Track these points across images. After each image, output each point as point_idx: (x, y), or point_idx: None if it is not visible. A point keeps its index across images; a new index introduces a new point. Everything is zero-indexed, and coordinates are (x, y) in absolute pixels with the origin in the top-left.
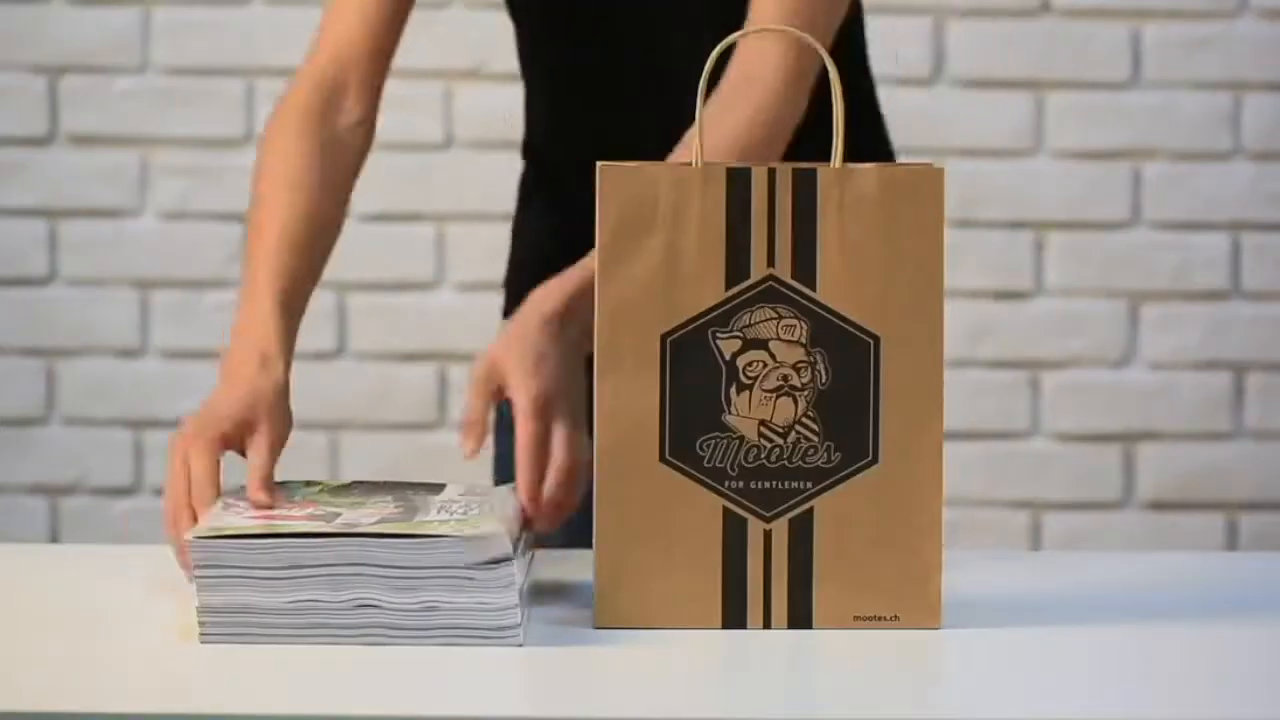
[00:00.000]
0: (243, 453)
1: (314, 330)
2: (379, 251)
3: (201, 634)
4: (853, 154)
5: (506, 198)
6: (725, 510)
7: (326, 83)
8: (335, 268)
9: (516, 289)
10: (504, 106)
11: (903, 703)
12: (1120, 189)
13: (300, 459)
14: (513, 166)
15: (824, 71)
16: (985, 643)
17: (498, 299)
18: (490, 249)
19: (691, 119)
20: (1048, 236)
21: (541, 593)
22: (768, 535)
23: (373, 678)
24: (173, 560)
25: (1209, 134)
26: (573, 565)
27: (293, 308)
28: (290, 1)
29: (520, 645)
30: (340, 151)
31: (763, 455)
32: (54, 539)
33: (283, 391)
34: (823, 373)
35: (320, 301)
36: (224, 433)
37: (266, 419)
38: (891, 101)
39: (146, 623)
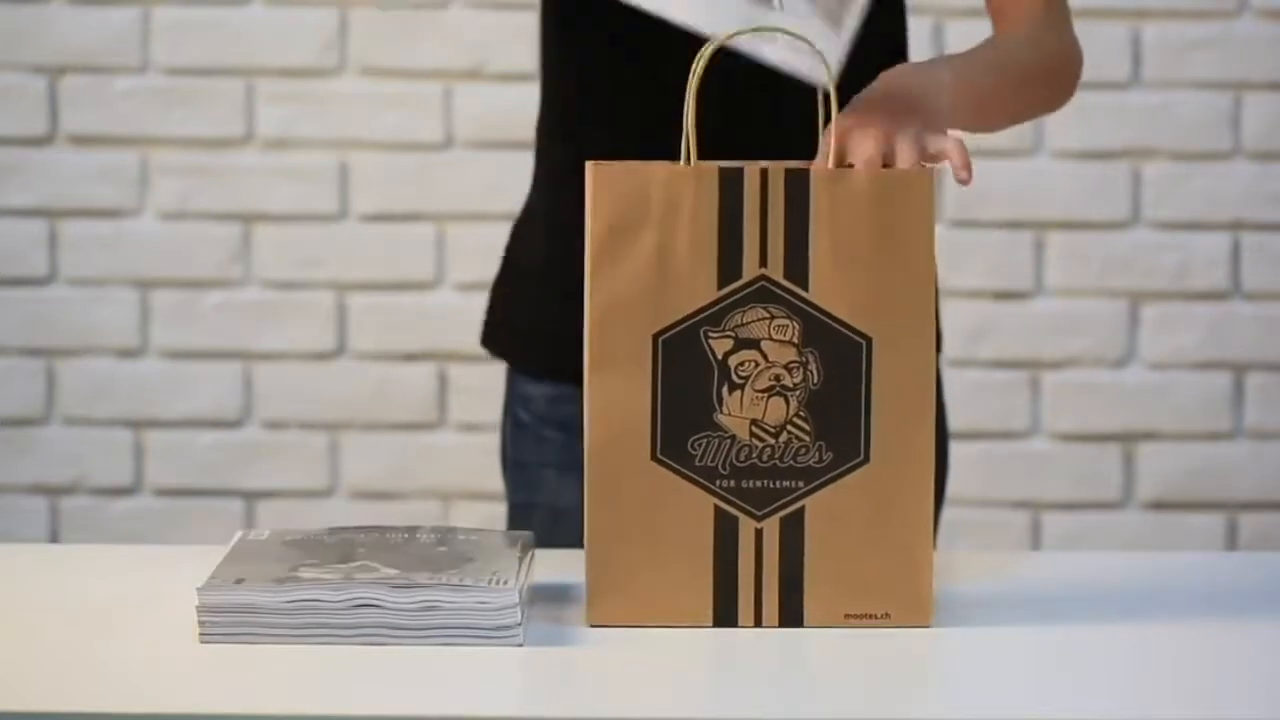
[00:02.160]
0: None
1: (314, 330)
2: (379, 251)
3: (201, 634)
4: None
5: (507, 198)
6: (717, 509)
7: None
8: (335, 268)
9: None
10: (504, 106)
11: (893, 701)
12: (1120, 189)
13: (300, 459)
14: (512, 166)
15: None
16: (977, 641)
17: None
18: (490, 249)
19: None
20: (1048, 236)
21: (539, 592)
22: (759, 534)
23: (373, 678)
24: (174, 559)
25: (1209, 134)
26: (570, 565)
27: None
28: (290, 1)
29: (520, 645)
30: None
31: (754, 454)
32: (54, 539)
33: None
34: (814, 373)
35: (320, 301)
36: None
37: None
38: None
39: (146, 623)
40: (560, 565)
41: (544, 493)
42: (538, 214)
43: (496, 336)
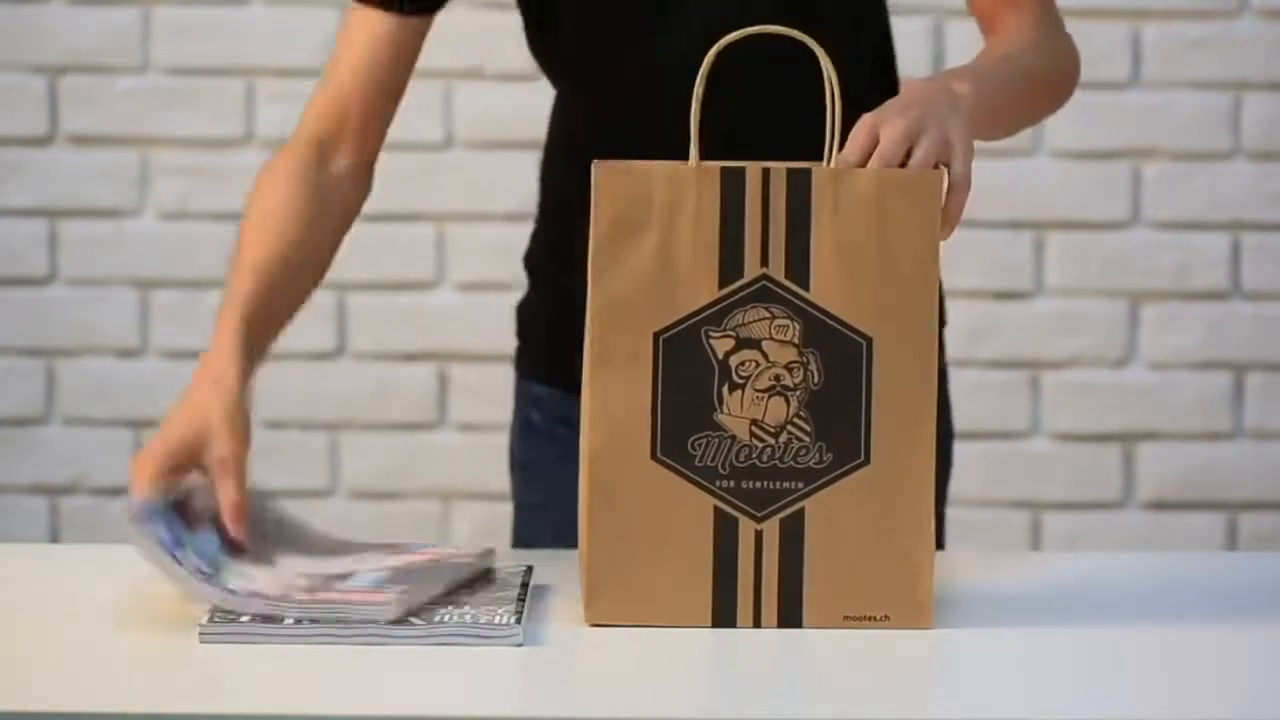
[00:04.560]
0: (202, 470)
1: (314, 330)
2: (379, 251)
3: (201, 634)
4: None
5: (507, 198)
6: (716, 510)
7: (318, 135)
8: (335, 268)
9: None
10: (504, 106)
11: (893, 701)
12: (1120, 189)
13: (300, 459)
14: (513, 166)
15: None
16: (977, 642)
17: (498, 299)
18: (490, 249)
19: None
20: (1048, 236)
21: (539, 592)
22: (759, 535)
23: (373, 678)
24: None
25: (1209, 134)
26: (570, 565)
27: (253, 331)
28: (290, 1)
29: (520, 645)
30: (327, 197)
31: (754, 455)
32: (54, 539)
33: (235, 404)
34: (815, 373)
35: (320, 301)
36: (171, 453)
37: (221, 434)
38: None
39: (146, 623)
40: (560, 565)
41: (553, 493)
42: (548, 222)
43: (521, 353)
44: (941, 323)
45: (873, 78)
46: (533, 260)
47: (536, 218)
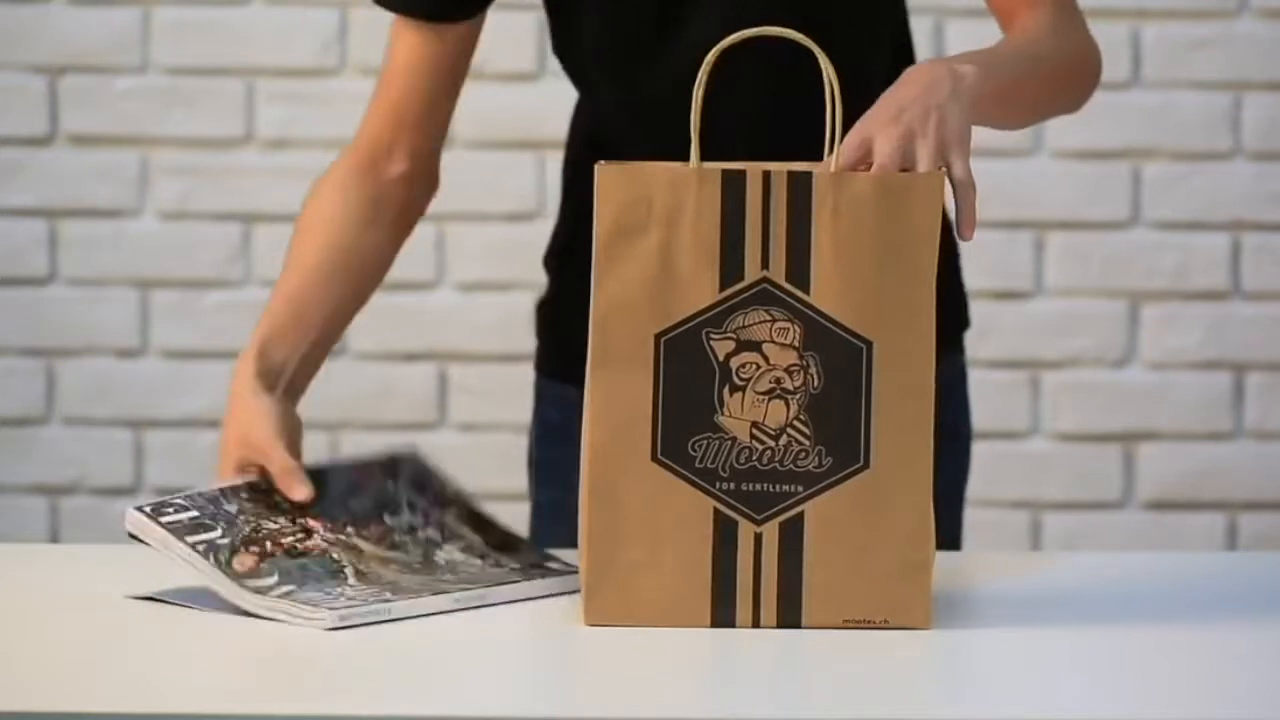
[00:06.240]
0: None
1: None
2: None
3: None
4: None
5: (507, 198)
6: (716, 512)
7: (370, 138)
8: None
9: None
10: (504, 106)
11: (892, 702)
12: (1120, 189)
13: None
14: (513, 166)
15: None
16: (977, 642)
17: (498, 299)
18: (490, 249)
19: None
20: (1048, 236)
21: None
22: (758, 538)
23: (373, 677)
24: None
25: (1209, 134)
26: (572, 564)
27: (267, 352)
28: (290, 1)
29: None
30: (380, 197)
31: (754, 457)
32: (54, 539)
33: (263, 422)
34: (815, 376)
35: None
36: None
37: (266, 449)
38: None
39: (146, 623)
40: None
41: (566, 492)
42: (568, 235)
43: (540, 353)
44: (964, 324)
45: (892, 69)
46: (553, 260)
47: (558, 218)
